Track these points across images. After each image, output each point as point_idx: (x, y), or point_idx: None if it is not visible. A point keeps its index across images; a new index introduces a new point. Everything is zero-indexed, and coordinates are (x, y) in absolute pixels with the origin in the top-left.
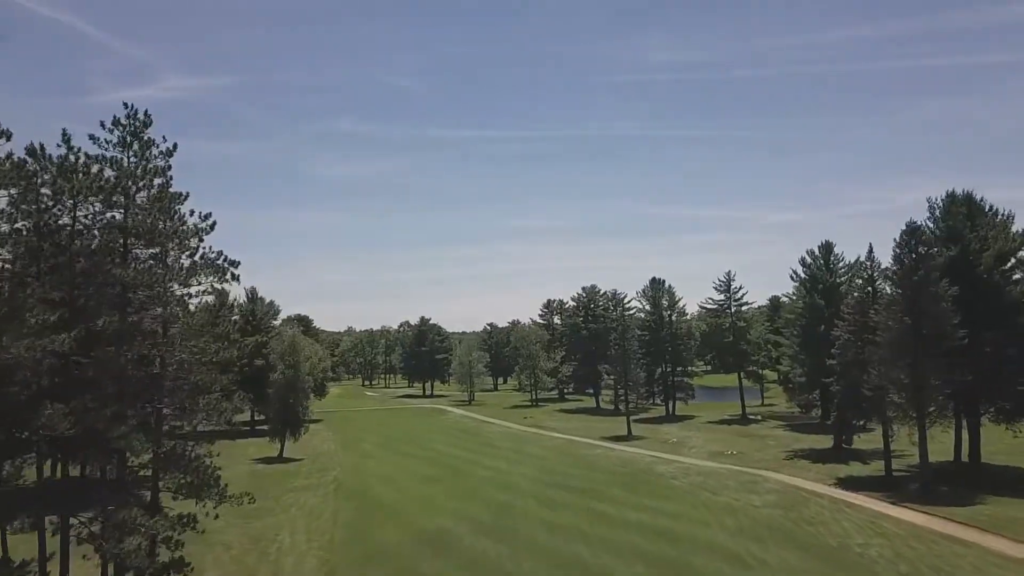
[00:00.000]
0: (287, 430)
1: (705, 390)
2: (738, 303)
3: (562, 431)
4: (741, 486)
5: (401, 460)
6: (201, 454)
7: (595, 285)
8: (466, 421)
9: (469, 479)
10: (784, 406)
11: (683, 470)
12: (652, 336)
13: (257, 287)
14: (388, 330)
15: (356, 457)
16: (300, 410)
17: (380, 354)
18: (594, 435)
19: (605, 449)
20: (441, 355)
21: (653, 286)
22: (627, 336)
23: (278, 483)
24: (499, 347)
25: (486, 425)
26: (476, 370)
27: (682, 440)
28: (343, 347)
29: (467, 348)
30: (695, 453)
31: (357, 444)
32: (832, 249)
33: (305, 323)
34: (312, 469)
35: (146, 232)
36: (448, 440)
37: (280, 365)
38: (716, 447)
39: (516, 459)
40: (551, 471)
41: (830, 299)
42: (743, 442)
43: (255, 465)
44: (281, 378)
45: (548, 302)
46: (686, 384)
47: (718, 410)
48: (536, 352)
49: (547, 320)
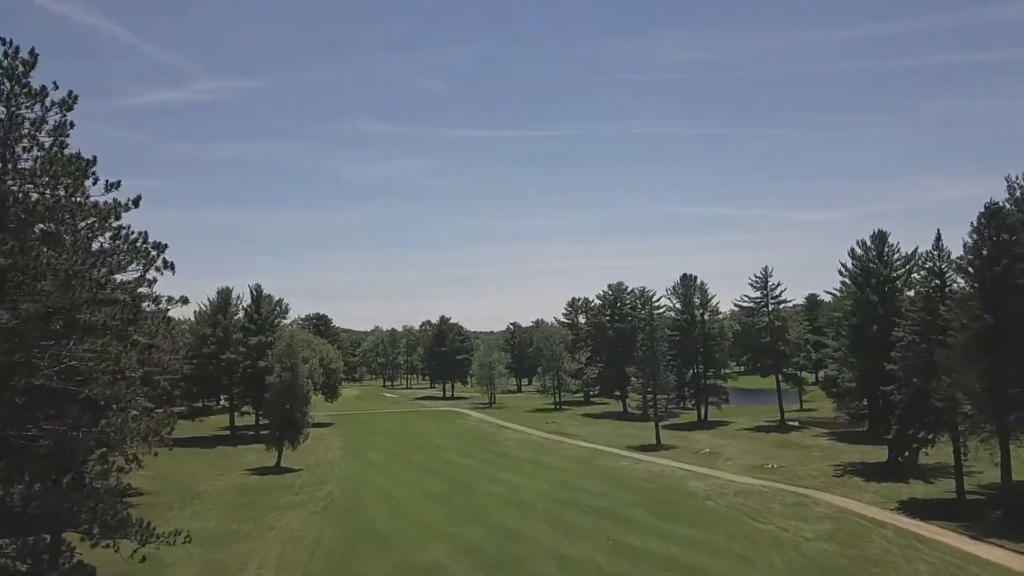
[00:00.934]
0: (285, 438)
1: (737, 393)
2: (776, 301)
3: (586, 438)
4: (787, 510)
5: (406, 472)
6: (109, 487)
7: (622, 282)
8: (483, 426)
9: (477, 496)
10: (826, 411)
11: (718, 488)
12: (683, 336)
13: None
14: (410, 330)
15: (358, 467)
16: (298, 416)
17: (401, 354)
18: (620, 443)
19: (631, 461)
20: (462, 356)
21: (684, 283)
22: (656, 336)
23: (265, 499)
24: (522, 347)
25: (504, 431)
26: (497, 371)
27: (716, 450)
28: (364, 347)
29: (488, 348)
30: (731, 466)
31: (363, 452)
32: (886, 239)
33: (323, 322)
34: (307, 481)
35: (37, 203)
36: (461, 448)
37: (276, 367)
38: (754, 459)
39: (532, 472)
40: (569, 487)
41: (884, 295)
42: (784, 454)
43: (247, 477)
44: (277, 381)
45: (572, 300)
46: (719, 388)
47: (753, 415)
48: (560, 353)
49: (571, 319)
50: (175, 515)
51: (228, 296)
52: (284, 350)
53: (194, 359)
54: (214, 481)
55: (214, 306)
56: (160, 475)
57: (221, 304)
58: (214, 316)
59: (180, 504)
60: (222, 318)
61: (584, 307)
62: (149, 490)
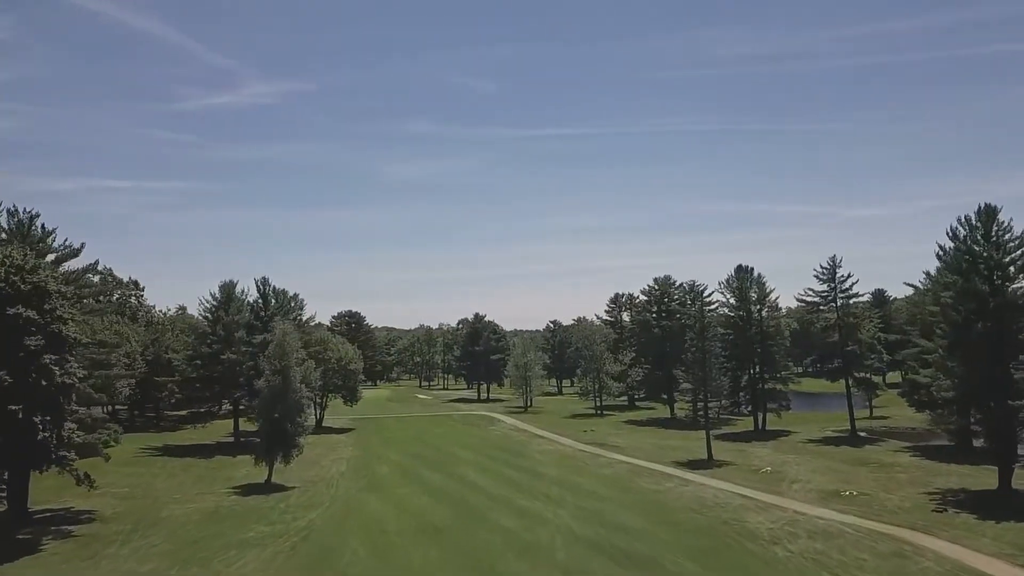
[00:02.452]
0: (276, 452)
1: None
2: (845, 295)
3: (626, 451)
4: (882, 563)
5: (411, 494)
6: None
7: (669, 276)
8: (513, 435)
9: (484, 532)
10: (902, 420)
11: (787, 525)
12: (738, 335)
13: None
14: (447, 328)
15: (358, 487)
16: (289, 428)
17: (438, 353)
18: (665, 458)
19: (677, 482)
20: (497, 355)
21: (738, 276)
22: (707, 335)
23: (231, 530)
24: (562, 347)
25: (535, 441)
26: (534, 373)
27: (779, 469)
28: (399, 346)
29: (523, 348)
30: (799, 492)
31: (372, 465)
32: (995, 215)
33: (355, 320)
34: (292, 505)
35: None
36: (482, 463)
37: (266, 370)
38: (827, 481)
39: (558, 497)
40: (601, 520)
41: (995, 285)
42: (862, 475)
43: (227, 497)
44: (266, 387)
45: (616, 296)
46: (779, 393)
47: (816, 423)
48: (601, 353)
49: (614, 317)
50: (114, 552)
51: (232, 291)
52: (275, 351)
53: (196, 360)
54: (187, 502)
55: (217, 302)
56: (130, 494)
57: (224, 300)
58: (215, 313)
59: (128, 536)
60: (223, 315)
61: (628, 303)
62: (107, 514)
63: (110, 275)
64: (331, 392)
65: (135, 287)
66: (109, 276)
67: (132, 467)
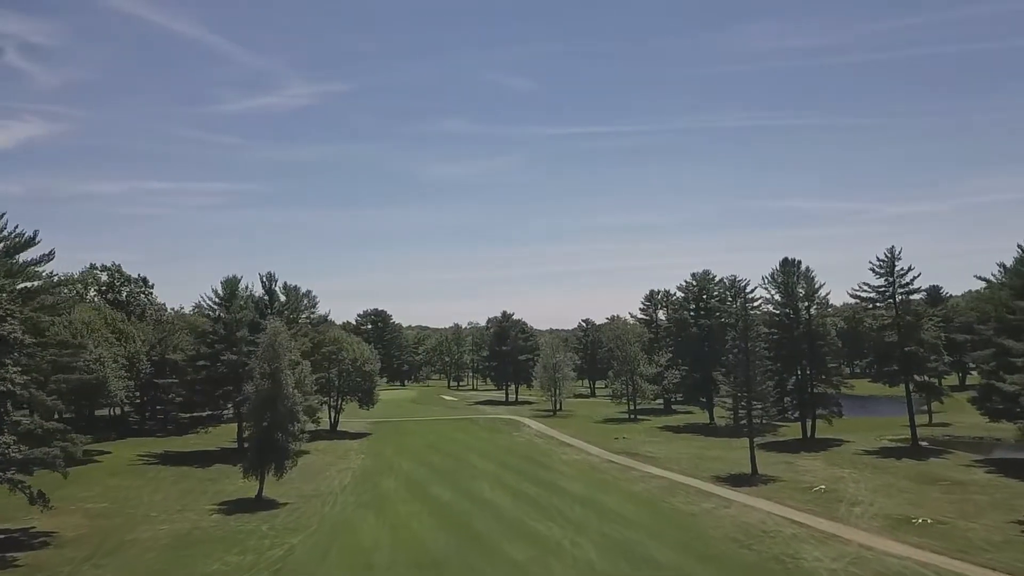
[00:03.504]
0: (266, 465)
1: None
2: (905, 290)
3: (661, 462)
4: None
5: (414, 514)
6: None
7: (708, 271)
8: (538, 442)
9: (489, 566)
10: (965, 429)
11: (852, 565)
12: (783, 334)
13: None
14: (476, 326)
15: (357, 504)
16: (280, 438)
17: (467, 353)
18: (704, 471)
19: (718, 502)
20: (525, 355)
21: (784, 270)
22: (751, 334)
23: (198, 559)
24: (594, 347)
25: (561, 450)
26: (563, 374)
27: (834, 487)
28: (427, 345)
29: (551, 348)
30: (863, 518)
31: (379, 477)
32: None
33: (381, 318)
34: (275, 527)
35: None
36: (500, 475)
37: (256, 373)
38: (893, 505)
39: (580, 520)
40: (626, 552)
41: None
42: (934, 496)
43: (208, 516)
44: (254, 392)
45: (650, 293)
46: (830, 398)
47: (871, 431)
48: (635, 354)
49: (649, 315)
50: None
51: (235, 287)
52: (265, 351)
53: (198, 360)
54: (162, 522)
55: (219, 299)
56: (106, 511)
57: (227, 296)
58: (217, 311)
59: (78, 566)
60: (224, 313)
61: (664, 301)
62: (67, 537)
63: (118, 272)
64: (346, 395)
65: (144, 284)
66: (117, 273)
67: (121, 477)
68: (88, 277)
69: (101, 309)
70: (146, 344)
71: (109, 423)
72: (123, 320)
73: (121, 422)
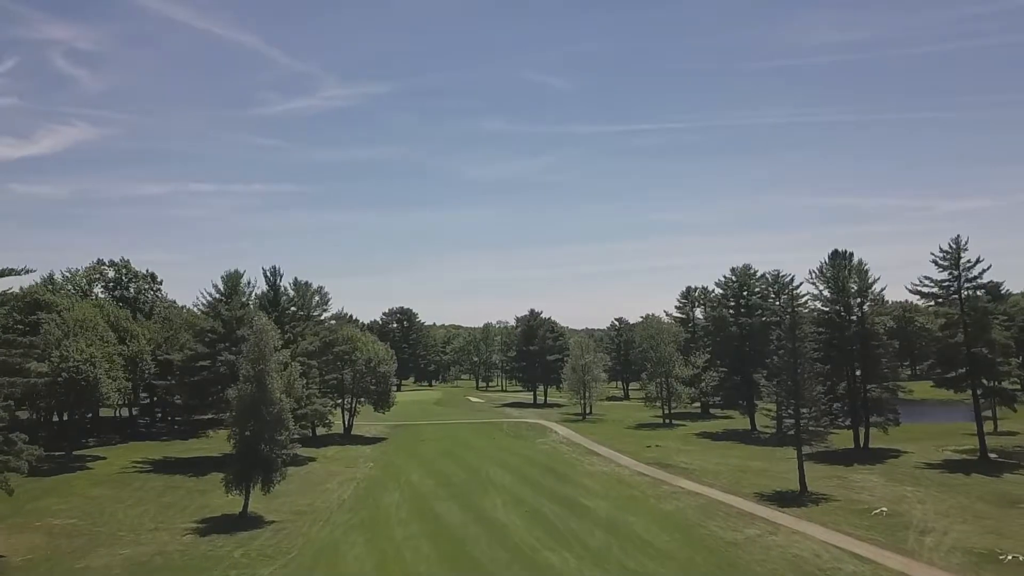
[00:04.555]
0: (251, 479)
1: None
2: (972, 285)
3: (697, 475)
4: None
5: (412, 539)
6: None
7: (749, 265)
8: (564, 450)
9: None
10: None
11: None
12: (833, 334)
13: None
14: (505, 325)
15: (350, 525)
16: (264, 449)
17: (496, 352)
18: (745, 487)
19: (762, 527)
20: (554, 356)
21: (834, 263)
22: (799, 333)
23: None
24: (627, 347)
25: (589, 459)
26: (593, 376)
27: (897, 508)
28: (455, 344)
29: (580, 348)
30: (938, 552)
31: (383, 491)
32: None
33: (407, 317)
34: (251, 553)
35: None
36: (518, 489)
37: (240, 375)
38: (971, 533)
39: (600, 548)
40: None
41: None
42: (1018, 522)
43: (182, 536)
44: (237, 396)
45: (687, 290)
46: (886, 403)
47: (930, 440)
48: (670, 354)
49: (686, 313)
50: None
51: (236, 282)
52: (250, 351)
53: (196, 360)
54: (127, 544)
55: (219, 294)
56: (72, 528)
57: (228, 292)
58: (216, 307)
59: None
60: (224, 310)
61: (702, 298)
62: (15, 563)
63: (125, 267)
64: (360, 397)
65: (152, 280)
66: (124, 268)
67: (106, 487)
68: (94, 273)
69: (104, 306)
70: (151, 343)
71: (116, 425)
72: (127, 318)
73: (129, 424)
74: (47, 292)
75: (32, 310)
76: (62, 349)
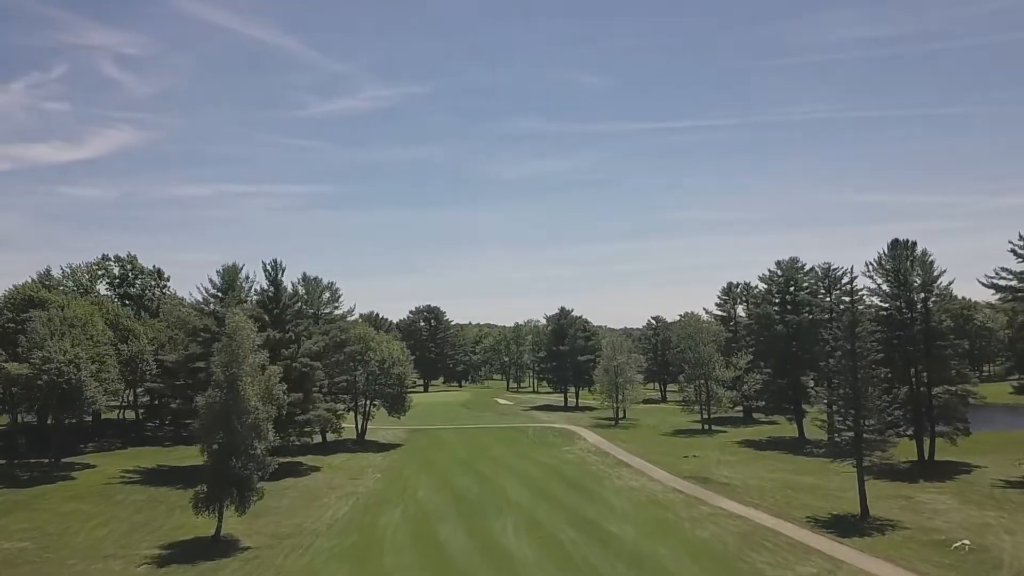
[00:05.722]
0: (223, 498)
1: None
2: None
3: (739, 493)
4: None
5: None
6: None
7: (796, 258)
8: (592, 460)
9: None
10: None
11: None
12: (893, 333)
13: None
14: (536, 324)
15: (331, 556)
16: (235, 464)
17: (526, 352)
18: (796, 508)
19: (820, 564)
20: (585, 356)
21: (894, 254)
22: (859, 332)
23: None
24: (664, 347)
25: (619, 471)
26: (626, 378)
27: (981, 540)
28: (485, 344)
29: (613, 348)
30: None
31: (381, 510)
32: None
33: (434, 315)
34: None
35: None
36: (534, 510)
37: (211, 380)
38: None
39: None
40: None
41: None
42: None
43: (132, 568)
44: (205, 403)
45: (728, 286)
46: (956, 410)
47: (1003, 450)
48: (709, 355)
49: (727, 311)
50: None
51: (234, 277)
52: (222, 353)
53: (191, 361)
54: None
55: (215, 289)
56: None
57: (225, 288)
58: (211, 303)
59: None
60: (218, 306)
61: (745, 294)
62: None
63: (131, 263)
64: (374, 400)
65: (158, 277)
66: (129, 264)
67: (82, 501)
68: (98, 269)
69: (104, 304)
70: (154, 342)
71: (121, 430)
72: (128, 316)
73: (134, 428)
74: (42, 289)
75: (25, 308)
76: (45, 350)
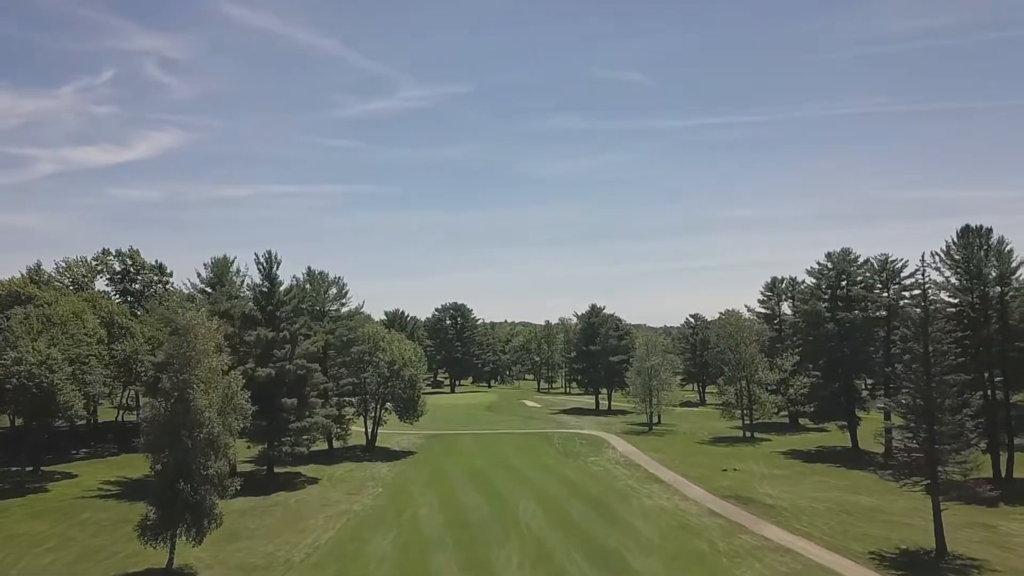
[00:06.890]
0: (178, 520)
1: None
2: None
3: (786, 518)
4: None
5: None
6: None
7: (849, 249)
8: (620, 473)
9: None
10: None
11: None
12: (964, 332)
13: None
14: (568, 323)
15: None
16: (183, 487)
17: (558, 351)
18: (854, 540)
19: None
20: (618, 356)
21: (965, 242)
22: (932, 333)
23: None
24: (703, 346)
25: (648, 487)
26: (661, 380)
27: None
28: (515, 343)
29: (647, 348)
30: None
31: (371, 535)
32: None
33: (460, 312)
34: None
35: None
36: (548, 535)
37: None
38: None
39: None
40: None
41: None
42: None
43: None
44: (151, 413)
45: (772, 281)
46: None
47: None
48: (751, 356)
49: (771, 308)
50: None
51: (224, 270)
52: (170, 356)
53: None
54: None
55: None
56: None
57: (215, 282)
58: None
59: None
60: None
61: (790, 290)
62: None
63: (132, 259)
64: (385, 404)
65: (160, 272)
66: (130, 259)
67: (42, 520)
68: (97, 264)
69: (99, 301)
70: (152, 341)
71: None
72: (124, 313)
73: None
74: (29, 285)
75: (11, 305)
76: (17, 350)
